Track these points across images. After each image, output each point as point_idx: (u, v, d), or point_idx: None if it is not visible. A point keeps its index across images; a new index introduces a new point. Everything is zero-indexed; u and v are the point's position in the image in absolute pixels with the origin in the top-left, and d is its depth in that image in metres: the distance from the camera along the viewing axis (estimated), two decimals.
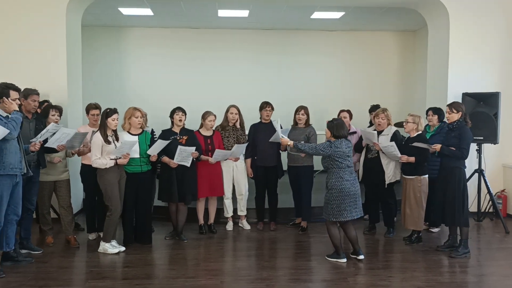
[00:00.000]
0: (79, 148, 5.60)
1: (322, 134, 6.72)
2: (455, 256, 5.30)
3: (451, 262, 5.23)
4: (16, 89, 4.64)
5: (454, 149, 5.29)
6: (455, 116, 5.37)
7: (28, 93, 5.20)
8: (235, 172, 6.31)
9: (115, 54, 10.41)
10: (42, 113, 5.62)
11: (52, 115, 5.58)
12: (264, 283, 4.57)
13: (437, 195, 5.47)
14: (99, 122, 5.56)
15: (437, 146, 5.39)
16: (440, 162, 5.52)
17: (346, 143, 5.10)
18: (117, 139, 5.38)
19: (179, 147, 5.55)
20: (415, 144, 5.46)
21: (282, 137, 5.55)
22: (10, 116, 4.53)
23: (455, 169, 5.33)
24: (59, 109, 5.72)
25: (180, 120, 5.82)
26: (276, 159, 6.40)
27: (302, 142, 5.72)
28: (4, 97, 4.53)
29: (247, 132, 6.47)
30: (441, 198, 5.39)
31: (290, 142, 5.36)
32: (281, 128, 6.25)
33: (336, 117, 6.42)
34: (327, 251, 5.39)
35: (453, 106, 5.42)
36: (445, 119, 6.21)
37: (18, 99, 4.69)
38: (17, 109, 4.59)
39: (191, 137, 5.85)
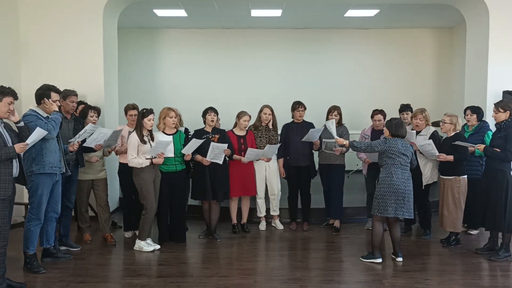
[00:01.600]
0: (115, 146, 5.73)
1: (354, 133, 6.65)
2: (496, 260, 5.13)
3: (491, 266, 5.07)
4: (57, 91, 4.81)
5: (499, 150, 5.10)
6: (502, 116, 5.17)
7: (67, 94, 5.36)
8: (268, 172, 6.31)
9: (150, 55, 10.59)
10: (81, 114, 5.78)
11: (91, 116, 5.72)
12: (297, 284, 4.55)
13: (479, 197, 5.29)
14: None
15: (481, 146, 5.22)
16: (485, 163, 5.35)
17: (403, 142, 5.10)
18: (153, 139, 5.47)
19: (212, 144, 5.60)
20: (457, 142, 5.31)
21: (337, 138, 5.51)
22: (50, 116, 4.68)
23: (499, 171, 5.13)
24: (97, 110, 5.86)
25: (212, 121, 5.87)
26: (308, 159, 6.36)
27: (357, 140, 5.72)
28: (45, 98, 4.69)
29: (279, 132, 6.45)
30: (483, 201, 5.22)
31: (346, 142, 5.37)
32: (314, 128, 6.24)
33: (371, 116, 6.35)
34: (361, 252, 5.32)
35: (499, 105, 5.22)
36: (484, 118, 6.05)
37: (58, 100, 4.84)
38: (57, 110, 4.75)
39: (222, 136, 5.89)
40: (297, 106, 6.37)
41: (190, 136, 5.98)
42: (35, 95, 4.77)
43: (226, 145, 5.70)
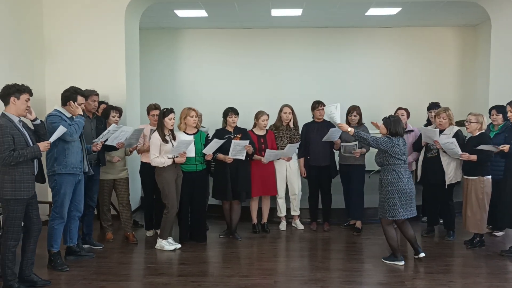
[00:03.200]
0: (136, 145, 5.78)
1: (374, 134, 6.57)
2: None
3: None
4: (83, 94, 4.91)
5: None
6: None
7: (88, 93, 5.42)
8: (288, 172, 6.29)
9: (171, 55, 10.67)
10: (103, 114, 5.85)
11: (113, 116, 5.78)
12: (318, 285, 4.52)
13: (504, 197, 5.18)
14: None
15: (506, 147, 5.11)
16: (506, 163, 5.23)
17: (403, 141, 5.03)
18: (174, 139, 5.50)
19: (233, 141, 5.60)
20: (480, 147, 5.18)
21: (340, 124, 5.18)
22: (74, 118, 4.75)
23: None
24: (119, 110, 5.92)
25: (233, 122, 5.88)
26: (329, 159, 6.32)
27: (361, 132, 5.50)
28: (71, 101, 4.76)
29: (300, 131, 6.42)
30: (508, 201, 5.10)
31: (351, 129, 5.10)
32: (335, 127, 6.17)
33: (394, 113, 6.27)
34: (383, 253, 5.26)
35: None
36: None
37: (83, 104, 4.92)
38: (82, 113, 4.82)
39: (244, 135, 5.89)
40: (317, 105, 6.33)
41: (209, 138, 5.99)
42: (61, 96, 4.85)
43: (247, 141, 5.70)
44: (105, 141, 5.21)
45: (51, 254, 4.83)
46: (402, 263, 5.00)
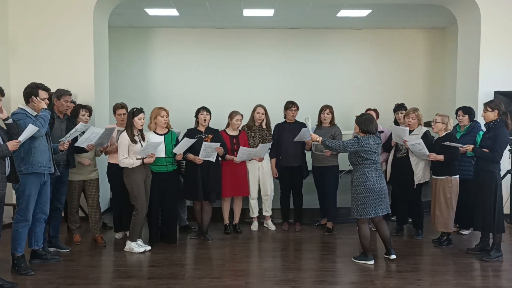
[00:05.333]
0: (107, 145, 5.67)
1: (347, 133, 6.64)
2: (487, 260, 5.14)
3: (483, 266, 5.07)
4: (45, 88, 4.74)
5: (487, 151, 5.10)
6: (491, 115, 5.17)
7: (61, 93, 5.29)
8: (261, 173, 6.28)
9: (141, 54, 10.50)
10: (73, 113, 5.70)
11: (82, 115, 5.65)
12: (289, 285, 4.52)
13: (469, 198, 5.30)
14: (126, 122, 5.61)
15: (469, 147, 5.23)
16: (475, 164, 5.35)
17: (375, 139, 5.04)
18: (143, 139, 5.42)
19: (204, 143, 5.56)
20: (447, 143, 5.31)
21: (312, 134, 5.44)
22: (38, 114, 4.62)
23: (488, 172, 5.14)
24: (89, 109, 5.79)
25: (205, 120, 5.83)
26: (301, 159, 6.34)
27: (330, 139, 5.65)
28: (33, 96, 4.62)
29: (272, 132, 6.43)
30: (473, 202, 5.22)
31: (319, 139, 5.24)
32: (307, 127, 6.20)
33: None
34: (354, 252, 5.31)
35: (489, 104, 5.22)
36: (475, 119, 6.06)
37: (48, 98, 4.79)
38: (46, 107, 4.68)
39: (216, 136, 5.85)
40: (290, 105, 6.34)
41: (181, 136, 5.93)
42: (23, 93, 4.70)
43: (218, 143, 5.67)
44: (74, 141, 5.09)
45: (15, 258, 4.67)
46: (372, 262, 5.06)
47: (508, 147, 6.37)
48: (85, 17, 6.80)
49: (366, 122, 5.03)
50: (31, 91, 4.65)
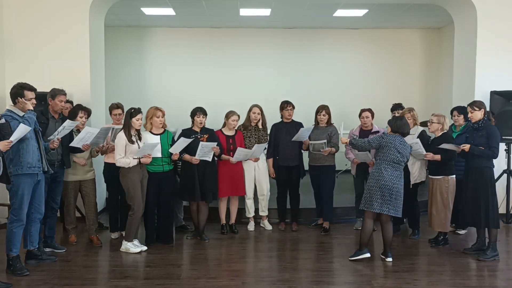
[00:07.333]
0: (103, 144, 5.63)
1: (343, 133, 6.63)
2: (484, 259, 5.15)
3: (479, 266, 5.08)
4: (31, 89, 4.66)
5: (483, 148, 5.14)
6: (478, 114, 5.22)
7: (56, 93, 5.22)
8: (257, 172, 6.27)
9: (138, 54, 10.48)
10: (70, 113, 5.64)
11: (80, 117, 5.55)
12: (286, 285, 4.51)
13: (466, 196, 5.30)
14: (122, 121, 5.58)
15: (466, 147, 5.24)
16: (466, 162, 5.36)
17: (401, 140, 5.08)
18: (140, 139, 5.40)
19: (201, 143, 5.55)
20: (443, 146, 5.31)
21: (342, 137, 5.55)
22: (24, 115, 4.59)
23: (484, 168, 5.19)
24: (87, 111, 5.70)
25: (201, 123, 5.82)
26: (298, 159, 6.33)
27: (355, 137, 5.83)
28: (18, 97, 4.58)
29: (269, 132, 6.41)
30: (470, 199, 5.23)
31: (347, 140, 5.40)
32: (303, 127, 6.20)
33: (359, 115, 6.33)
34: (350, 252, 5.30)
35: (474, 104, 5.29)
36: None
37: (39, 98, 4.74)
38: (32, 108, 4.63)
39: (211, 136, 5.84)
40: (286, 105, 6.33)
41: (177, 136, 5.91)
42: (9, 94, 4.65)
43: (215, 143, 5.66)
44: (67, 139, 5.05)
45: (9, 258, 4.64)
46: (368, 255, 5.08)
47: (504, 147, 6.40)
48: (81, 16, 6.77)
49: (395, 120, 5.18)
50: (16, 92, 4.59)
